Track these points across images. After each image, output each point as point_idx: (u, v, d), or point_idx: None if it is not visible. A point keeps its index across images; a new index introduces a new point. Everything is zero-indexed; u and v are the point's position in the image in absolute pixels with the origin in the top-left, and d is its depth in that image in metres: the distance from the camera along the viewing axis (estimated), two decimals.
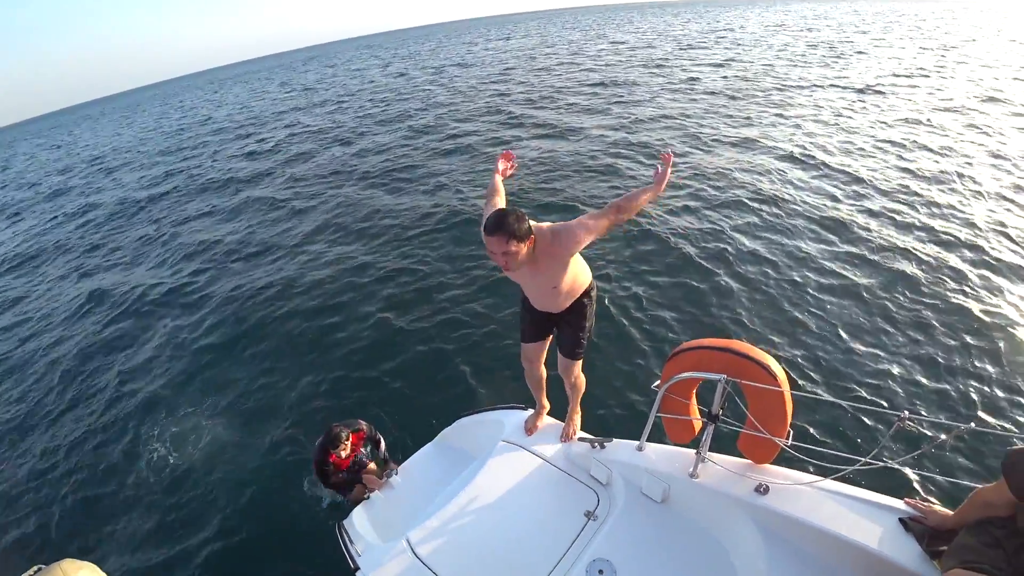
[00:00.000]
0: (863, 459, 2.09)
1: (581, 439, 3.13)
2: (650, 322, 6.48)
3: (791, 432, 2.39)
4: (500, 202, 2.67)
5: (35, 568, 2.67)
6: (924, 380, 5.21)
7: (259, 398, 6.20)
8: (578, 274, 2.70)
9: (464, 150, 14.55)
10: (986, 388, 5.06)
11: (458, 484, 3.15)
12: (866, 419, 4.70)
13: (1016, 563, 1.57)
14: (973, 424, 2.00)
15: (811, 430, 4.69)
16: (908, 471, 4.08)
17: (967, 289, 6.49)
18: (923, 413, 4.76)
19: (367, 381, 6.11)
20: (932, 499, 2.18)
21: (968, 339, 5.67)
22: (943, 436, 2.79)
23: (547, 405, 3.45)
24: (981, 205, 8.72)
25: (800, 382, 5.28)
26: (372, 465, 4.17)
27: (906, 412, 1.83)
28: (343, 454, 3.88)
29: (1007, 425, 4.60)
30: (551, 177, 11.30)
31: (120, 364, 7.63)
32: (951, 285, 6.59)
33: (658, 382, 2.65)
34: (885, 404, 4.88)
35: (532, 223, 2.38)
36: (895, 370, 5.34)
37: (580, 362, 3.12)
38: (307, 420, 5.65)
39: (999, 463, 1.66)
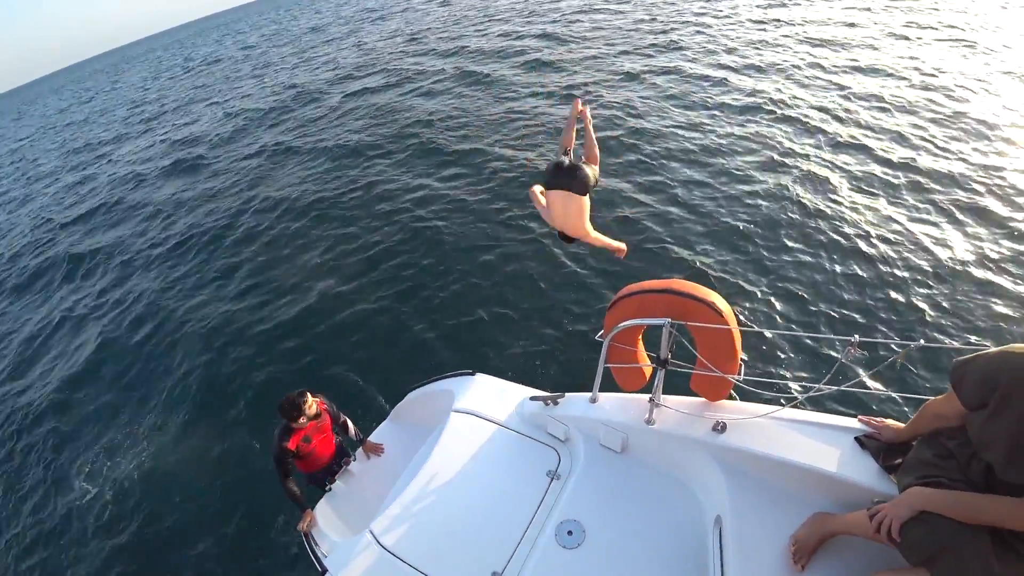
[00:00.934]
0: (816, 385, 2.06)
1: (533, 398, 3.00)
2: (596, 268, 6.33)
3: (742, 366, 2.34)
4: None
5: None
6: (871, 303, 5.31)
7: (200, 394, 5.86)
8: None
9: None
10: (931, 306, 5.19)
11: (415, 465, 3.03)
12: (817, 347, 4.76)
13: (968, 472, 1.51)
14: (922, 341, 1.95)
15: (762, 364, 4.70)
16: (863, 393, 4.15)
17: (905, 206, 6.61)
18: (875, 336, 4.85)
19: (305, 366, 5.80)
20: (885, 417, 2.15)
21: (912, 259, 5.79)
22: (893, 355, 2.79)
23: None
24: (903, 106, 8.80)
25: (745, 316, 5.29)
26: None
27: (856, 336, 1.80)
28: (310, 412, 3.29)
29: (954, 342, 4.73)
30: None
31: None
32: (889, 202, 6.70)
33: (602, 331, 2.54)
34: (831, 334, 4.97)
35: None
36: (844, 296, 5.42)
37: None
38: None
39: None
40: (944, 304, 5.15)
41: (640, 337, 2.57)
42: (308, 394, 3.31)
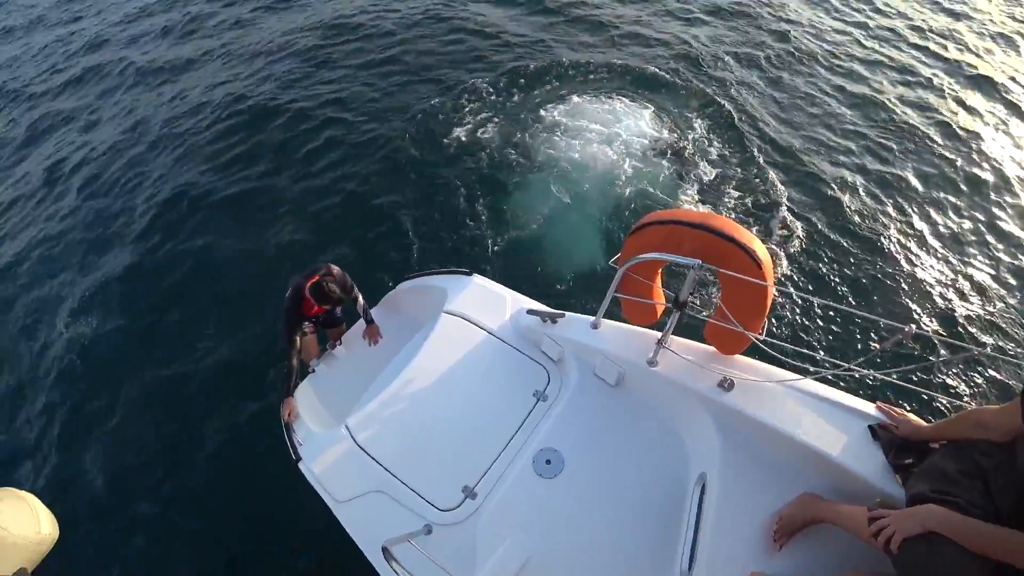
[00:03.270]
0: (847, 364, 1.86)
1: (531, 312, 2.82)
2: (626, 175, 5.73)
3: (766, 324, 2.09)
4: None
5: None
6: (944, 296, 4.72)
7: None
8: None
9: None
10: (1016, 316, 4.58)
11: (398, 363, 2.96)
12: (859, 325, 4.33)
13: (1000, 502, 1.28)
14: (989, 348, 1.66)
15: (790, 327, 4.36)
16: (893, 385, 3.77)
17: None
18: (936, 331, 4.38)
19: (305, 245, 5.59)
20: (907, 410, 1.93)
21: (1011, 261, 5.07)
22: (948, 357, 2.47)
23: None
24: None
25: (786, 272, 4.81)
26: (343, 327, 3.80)
27: (912, 326, 1.56)
28: (331, 286, 3.18)
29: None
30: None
31: None
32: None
33: (617, 256, 2.29)
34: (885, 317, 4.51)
35: None
36: (910, 282, 4.84)
37: None
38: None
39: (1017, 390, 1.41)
40: None
41: (660, 271, 2.31)
42: (332, 278, 3.18)
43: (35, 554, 2.66)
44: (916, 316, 4.50)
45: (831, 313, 4.35)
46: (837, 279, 4.82)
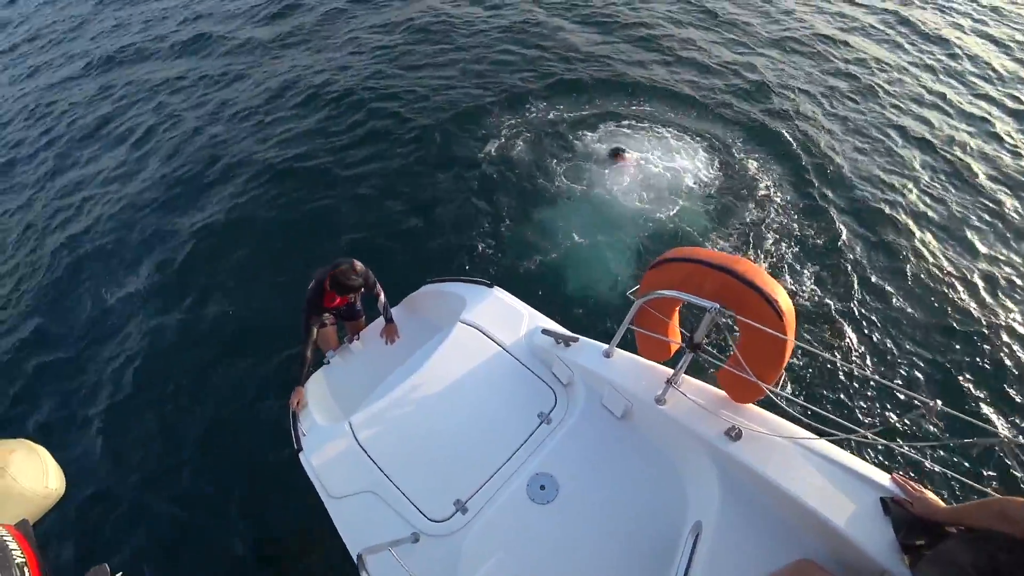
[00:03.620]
0: (862, 431, 1.77)
1: (546, 331, 2.82)
2: (664, 207, 5.57)
3: (782, 377, 2.04)
4: None
5: None
6: (983, 372, 4.44)
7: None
8: None
9: None
10: None
11: (409, 366, 2.99)
12: (883, 392, 4.14)
13: None
14: (1022, 439, 1.58)
15: (808, 384, 4.17)
16: (911, 456, 3.61)
17: None
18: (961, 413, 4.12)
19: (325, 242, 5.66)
20: (923, 485, 1.84)
21: None
22: (976, 441, 2.39)
23: None
24: None
25: (811, 329, 4.60)
26: (362, 321, 3.87)
27: (939, 402, 1.50)
28: (352, 276, 3.17)
29: None
30: None
31: None
32: None
33: (635, 289, 2.28)
34: (910, 387, 4.31)
35: None
36: (949, 354, 4.57)
37: None
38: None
39: None
40: None
41: (678, 309, 2.29)
42: (354, 272, 3.17)
43: (39, 508, 2.74)
44: (949, 390, 4.30)
45: (855, 375, 4.19)
46: (867, 337, 4.65)
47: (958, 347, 4.61)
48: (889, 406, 4.11)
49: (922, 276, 5.19)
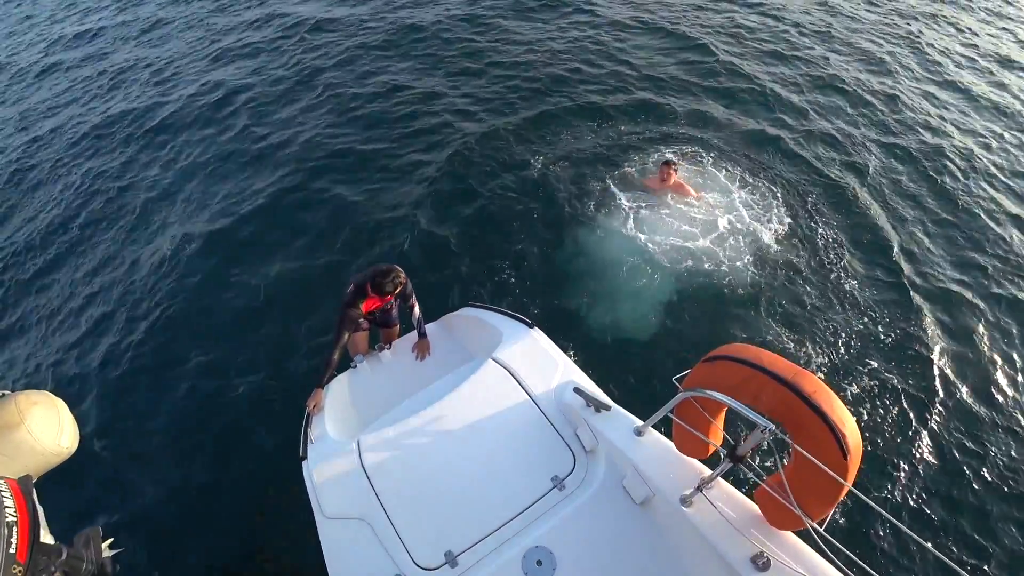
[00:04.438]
0: None
1: (577, 390, 2.64)
2: (719, 269, 4.98)
3: (830, 516, 1.79)
4: None
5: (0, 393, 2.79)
6: None
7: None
8: None
9: None
10: None
11: (429, 394, 2.88)
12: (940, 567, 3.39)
13: None
14: None
15: (856, 526, 3.50)
16: None
17: None
18: None
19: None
20: None
21: None
22: None
23: None
24: None
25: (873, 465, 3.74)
26: (396, 330, 3.78)
27: None
28: (394, 279, 3.12)
29: None
30: None
31: None
32: None
33: (685, 374, 2.07)
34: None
35: None
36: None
37: None
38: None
39: None
40: None
41: (725, 412, 2.06)
42: (397, 275, 3.11)
43: (47, 464, 2.79)
44: None
45: (913, 540, 3.39)
46: (934, 496, 3.74)
47: None
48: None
49: None
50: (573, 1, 10.00)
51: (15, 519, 1.96)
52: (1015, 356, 4.64)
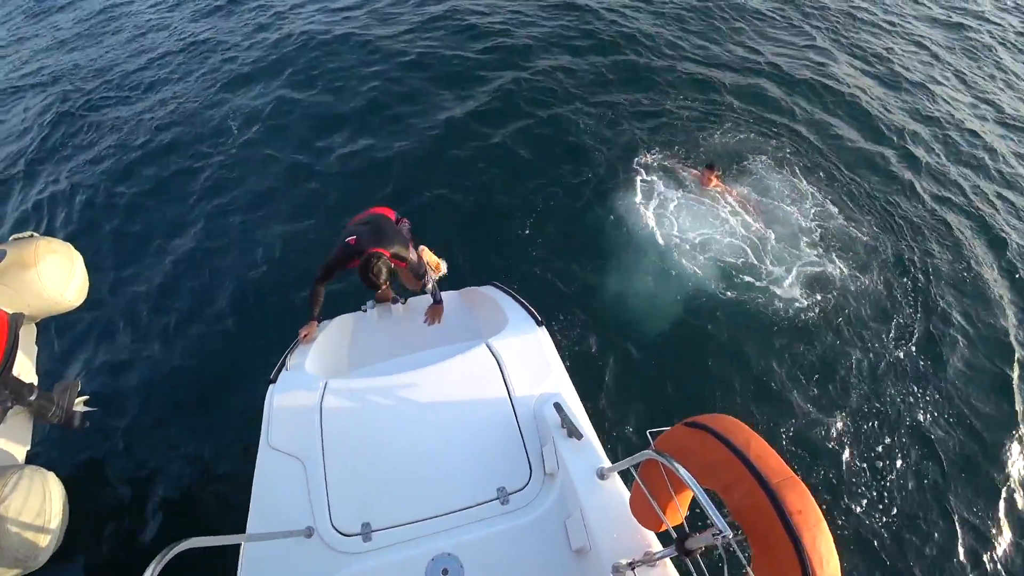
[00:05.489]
0: None
1: (557, 406, 2.37)
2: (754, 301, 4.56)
3: None
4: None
5: (28, 234, 2.94)
6: None
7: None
8: None
9: None
10: None
11: (414, 360, 2.79)
12: None
13: None
14: None
15: None
16: None
17: None
18: None
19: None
20: None
21: None
22: None
23: None
24: None
25: None
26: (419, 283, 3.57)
27: None
28: (379, 272, 2.89)
29: None
30: None
31: None
32: None
33: (659, 431, 1.77)
34: None
35: None
36: None
37: None
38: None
39: None
40: None
41: (691, 496, 1.72)
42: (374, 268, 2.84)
43: (47, 310, 2.98)
44: None
45: None
46: None
47: None
48: None
49: None
50: None
51: None
52: None
